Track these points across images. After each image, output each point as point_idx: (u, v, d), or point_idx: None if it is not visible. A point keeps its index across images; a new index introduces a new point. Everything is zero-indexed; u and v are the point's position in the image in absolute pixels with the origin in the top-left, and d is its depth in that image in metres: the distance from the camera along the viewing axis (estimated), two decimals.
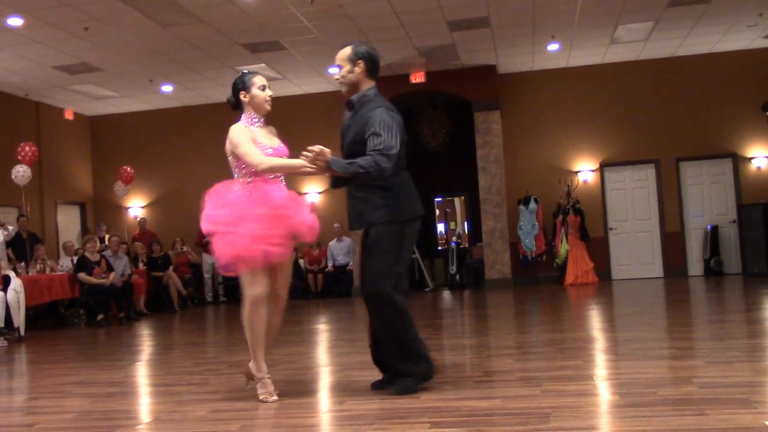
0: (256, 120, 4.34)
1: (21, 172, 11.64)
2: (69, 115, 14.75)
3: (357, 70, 4.21)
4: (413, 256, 14.21)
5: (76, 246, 12.39)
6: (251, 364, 4.26)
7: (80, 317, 11.11)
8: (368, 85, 4.25)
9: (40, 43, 10.56)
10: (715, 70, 13.49)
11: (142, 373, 5.97)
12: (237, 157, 4.22)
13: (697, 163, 13.65)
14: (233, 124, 4.33)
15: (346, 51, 4.25)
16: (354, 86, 4.25)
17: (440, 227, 16.75)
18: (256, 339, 4.15)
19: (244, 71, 4.44)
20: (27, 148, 11.75)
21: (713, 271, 13.21)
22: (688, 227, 13.70)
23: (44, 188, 13.77)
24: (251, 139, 4.20)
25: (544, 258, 13.75)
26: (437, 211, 16.69)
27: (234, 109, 4.40)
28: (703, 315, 8.04)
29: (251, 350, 4.19)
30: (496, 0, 9.96)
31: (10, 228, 11.09)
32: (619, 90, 13.80)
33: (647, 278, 13.48)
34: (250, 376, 4.33)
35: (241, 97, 4.33)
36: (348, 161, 4.03)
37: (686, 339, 5.99)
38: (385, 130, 4.01)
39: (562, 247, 13.39)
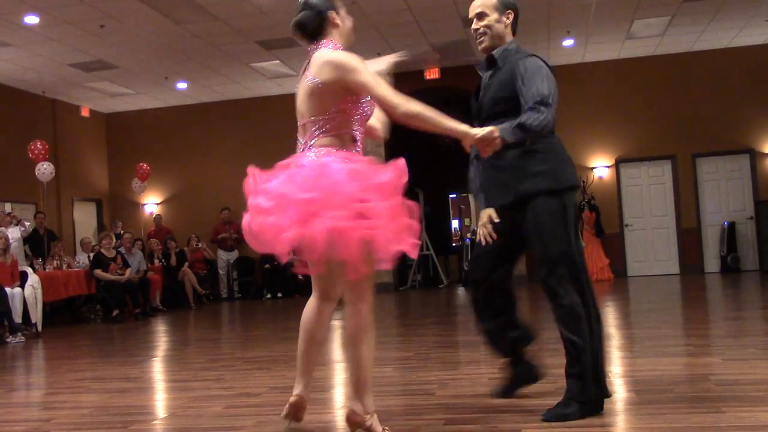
0: None
1: (45, 169, 11.68)
2: (85, 113, 14.84)
3: (506, 20, 3.55)
4: (427, 252, 14.22)
5: (93, 243, 12.48)
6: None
7: (96, 313, 11.18)
8: (510, 39, 3.59)
9: (56, 41, 10.63)
10: (733, 65, 13.37)
11: (157, 369, 6.01)
12: (334, 97, 2.91)
13: (714, 159, 13.54)
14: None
15: None
16: (499, 39, 3.56)
17: (455, 224, 16.71)
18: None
19: None
20: (33, 146, 11.78)
21: (730, 268, 13.10)
22: (704, 223, 13.59)
23: (61, 185, 13.86)
24: None
25: None
26: (452, 208, 16.66)
27: (312, 36, 3.05)
28: (720, 312, 7.98)
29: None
30: None
31: (27, 224, 11.18)
32: (635, 86, 13.71)
33: (663, 275, 13.40)
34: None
35: (332, 16, 3.05)
36: (516, 123, 3.28)
37: (703, 336, 5.95)
38: (541, 80, 3.37)
39: None
